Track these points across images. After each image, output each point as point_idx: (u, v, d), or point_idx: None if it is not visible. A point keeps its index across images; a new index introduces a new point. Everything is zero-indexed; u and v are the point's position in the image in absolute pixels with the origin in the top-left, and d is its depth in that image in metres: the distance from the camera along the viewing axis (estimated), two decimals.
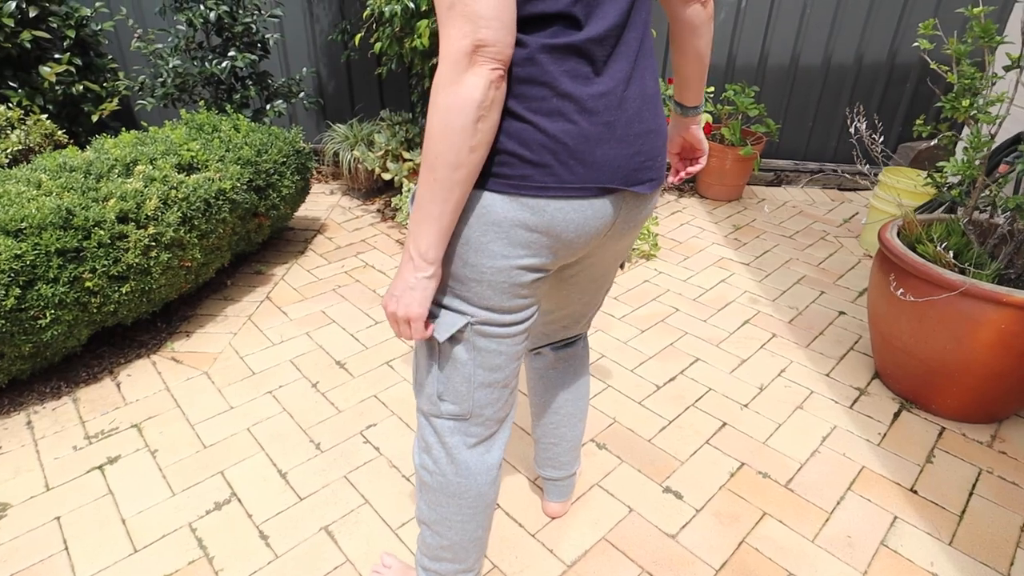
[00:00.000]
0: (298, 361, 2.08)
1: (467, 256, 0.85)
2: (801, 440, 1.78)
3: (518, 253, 0.85)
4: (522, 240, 0.85)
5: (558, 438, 1.38)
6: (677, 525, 1.51)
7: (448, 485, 1.04)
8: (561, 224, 0.85)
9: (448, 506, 1.06)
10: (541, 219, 0.84)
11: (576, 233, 0.87)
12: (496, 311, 0.90)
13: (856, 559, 1.43)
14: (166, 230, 1.90)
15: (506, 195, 0.82)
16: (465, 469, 1.02)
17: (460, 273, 0.87)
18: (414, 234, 0.80)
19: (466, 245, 0.85)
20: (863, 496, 1.60)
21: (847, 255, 2.92)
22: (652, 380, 2.02)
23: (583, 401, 1.37)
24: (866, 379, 2.05)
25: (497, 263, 0.85)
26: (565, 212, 0.84)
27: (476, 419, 1.00)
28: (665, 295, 2.53)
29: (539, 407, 1.37)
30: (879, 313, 1.92)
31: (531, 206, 0.82)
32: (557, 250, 0.88)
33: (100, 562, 1.40)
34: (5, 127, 2.44)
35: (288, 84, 3.11)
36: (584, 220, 0.86)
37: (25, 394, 1.89)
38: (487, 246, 0.84)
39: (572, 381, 1.33)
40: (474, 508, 1.06)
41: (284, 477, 1.63)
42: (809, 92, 3.61)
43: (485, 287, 0.87)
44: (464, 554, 1.12)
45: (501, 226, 0.83)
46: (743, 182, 3.53)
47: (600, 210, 0.87)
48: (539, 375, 1.34)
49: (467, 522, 1.08)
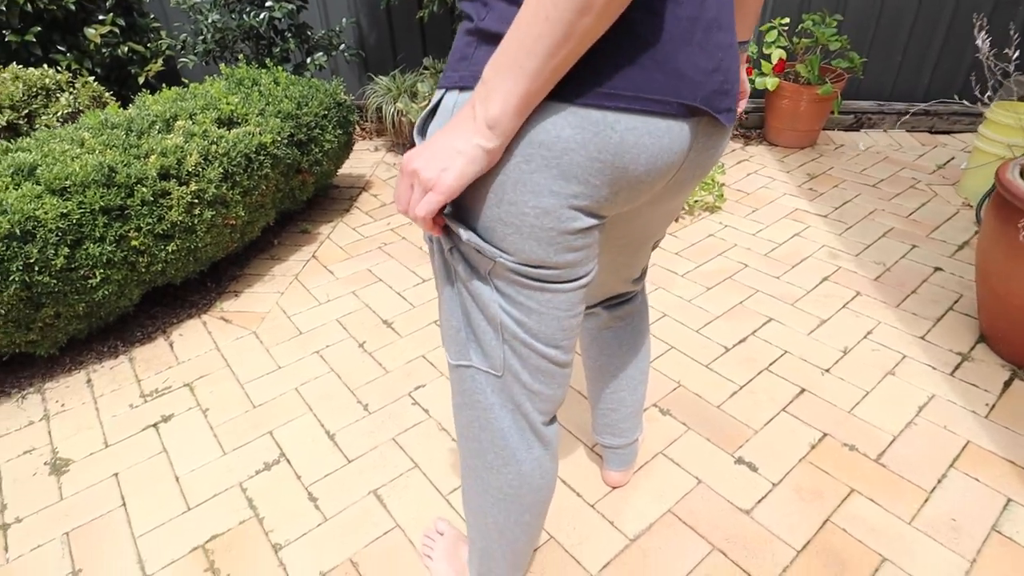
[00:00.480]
0: (345, 320, 2.02)
1: (503, 191, 0.65)
2: (893, 410, 1.59)
3: (571, 190, 0.65)
4: (578, 171, 0.64)
5: (617, 403, 1.25)
6: (752, 500, 1.37)
7: (483, 452, 0.88)
8: (632, 152, 0.64)
9: (480, 479, 0.91)
10: (607, 141, 0.62)
11: (646, 167, 0.66)
12: (539, 267, 0.71)
13: (963, 546, 1.26)
14: (208, 186, 1.84)
15: (561, 104, 0.61)
16: (503, 441, 0.85)
17: (492, 215, 0.67)
18: (488, 88, 0.58)
19: (502, 176, 0.65)
20: (969, 474, 1.41)
21: (942, 204, 2.62)
22: (720, 341, 1.86)
23: (644, 362, 1.23)
24: (969, 343, 1.82)
25: (543, 201, 0.65)
26: (638, 135, 0.63)
27: (512, 382, 0.81)
28: (732, 250, 2.33)
29: (594, 370, 1.24)
30: (992, 267, 1.68)
31: (595, 122, 0.61)
32: (619, 191, 0.67)
33: (156, 519, 1.39)
34: (54, 90, 2.44)
35: (328, 36, 3.00)
36: (659, 150, 0.65)
37: (85, 353, 1.90)
38: (530, 176, 0.64)
39: (631, 341, 1.18)
40: (510, 496, 0.90)
41: (332, 438, 1.58)
42: (900, 20, 3.21)
43: (525, 236, 0.67)
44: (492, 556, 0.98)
45: (552, 149, 0.62)
46: (818, 126, 3.21)
47: (678, 138, 0.66)
48: (592, 336, 1.20)
49: (497, 509, 0.92)
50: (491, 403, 0.83)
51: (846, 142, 3.30)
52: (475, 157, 0.61)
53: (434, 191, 0.63)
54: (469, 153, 0.61)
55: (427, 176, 0.63)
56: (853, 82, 3.40)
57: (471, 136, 0.61)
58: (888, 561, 1.24)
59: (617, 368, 1.21)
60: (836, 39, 2.94)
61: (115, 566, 1.30)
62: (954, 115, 3.37)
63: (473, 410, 0.85)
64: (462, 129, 0.61)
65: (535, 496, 0.91)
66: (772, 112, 3.23)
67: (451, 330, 0.82)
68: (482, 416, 0.85)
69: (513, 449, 0.86)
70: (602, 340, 1.19)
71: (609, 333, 1.18)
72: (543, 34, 0.54)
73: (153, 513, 1.41)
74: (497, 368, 0.80)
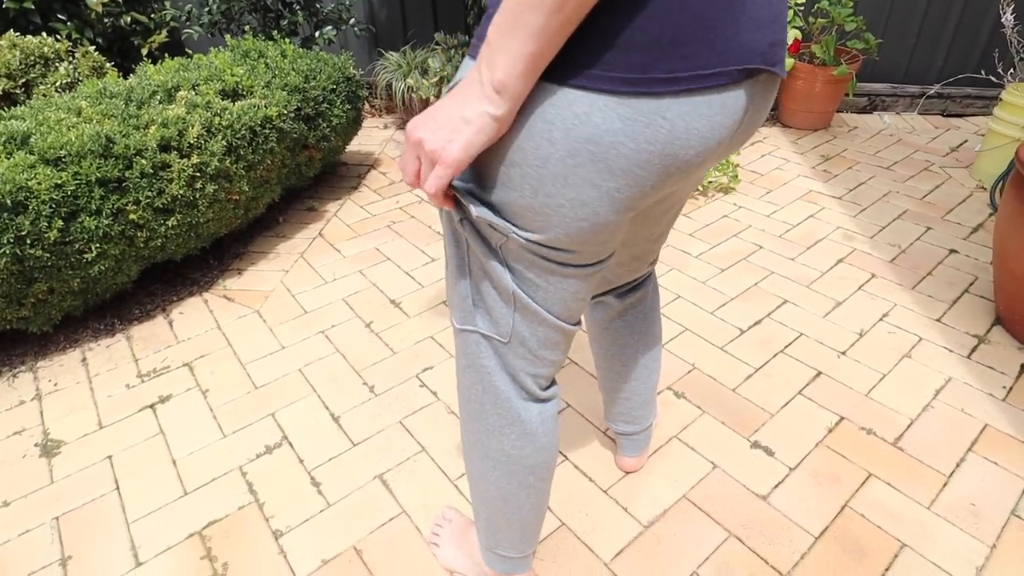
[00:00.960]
0: (351, 300, 1.98)
1: (541, 183, 0.61)
2: (910, 393, 1.56)
3: (615, 183, 0.60)
4: (624, 163, 0.59)
5: (631, 392, 1.21)
6: (768, 485, 1.34)
7: (485, 414, 0.86)
8: (682, 138, 0.58)
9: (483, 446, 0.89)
10: (656, 132, 0.57)
11: (697, 150, 0.60)
12: (558, 249, 0.67)
13: (982, 531, 1.23)
14: (211, 159, 1.79)
15: (611, 96, 0.55)
16: (507, 403, 0.83)
17: (524, 204, 0.63)
18: (493, 50, 0.54)
19: (542, 170, 0.60)
20: (987, 458, 1.38)
21: (956, 187, 2.57)
22: (735, 323, 1.82)
23: (657, 348, 1.18)
24: (985, 325, 1.78)
25: (583, 193, 0.60)
26: (689, 120, 0.58)
27: (518, 347, 0.79)
28: (747, 231, 2.28)
29: (605, 359, 1.19)
30: (1010, 248, 1.63)
31: (646, 112, 0.56)
32: (668, 177, 0.62)
33: (150, 503, 1.35)
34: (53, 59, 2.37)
35: (338, 10, 2.92)
36: (711, 129, 0.60)
37: (80, 331, 1.86)
38: (574, 171, 0.59)
39: (643, 329, 1.13)
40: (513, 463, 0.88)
41: (337, 421, 1.54)
42: (912, 3, 3.14)
43: (554, 224, 0.63)
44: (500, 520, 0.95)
45: (599, 143, 0.57)
46: (833, 108, 3.15)
47: (732, 109, 0.60)
48: (603, 327, 1.14)
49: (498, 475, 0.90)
50: (494, 366, 0.81)
51: (860, 124, 3.24)
52: (483, 126, 0.57)
53: (441, 164, 0.59)
54: (476, 122, 0.57)
55: (432, 147, 0.59)
56: (867, 64, 3.33)
57: (478, 103, 0.56)
58: (907, 547, 1.21)
59: (630, 357, 1.16)
60: (852, 19, 2.87)
61: (107, 552, 1.26)
62: (967, 98, 3.31)
63: (477, 372, 0.83)
64: (468, 95, 0.57)
65: (538, 456, 0.88)
66: (786, 93, 3.16)
67: (458, 296, 0.79)
68: (485, 379, 0.82)
69: (516, 410, 0.84)
70: (614, 330, 1.13)
71: (620, 322, 1.12)
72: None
73: (148, 497, 1.36)
74: (504, 335, 0.78)
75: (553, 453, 0.91)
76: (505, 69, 0.54)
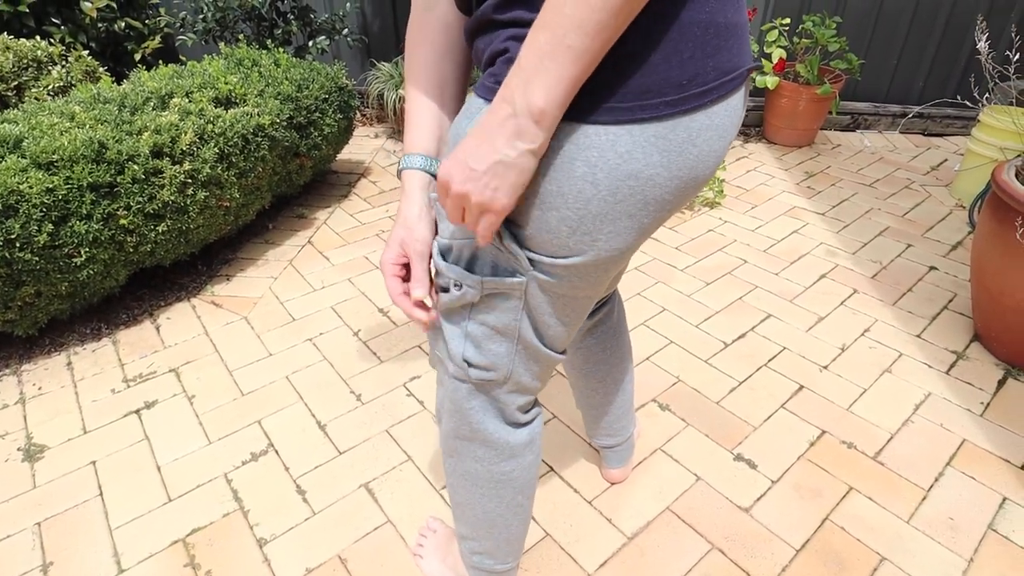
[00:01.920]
0: (339, 308, 1.98)
1: (581, 223, 0.61)
2: (890, 408, 1.59)
3: (648, 214, 0.62)
4: (659, 193, 0.61)
5: (608, 406, 1.23)
6: (751, 497, 1.36)
7: (472, 450, 0.87)
8: (705, 159, 0.61)
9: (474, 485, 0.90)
10: (686, 157, 0.60)
11: (714, 164, 0.63)
12: (577, 279, 0.68)
13: (960, 545, 1.26)
14: (202, 166, 1.79)
15: (653, 123, 0.56)
16: (494, 435, 0.85)
17: (561, 243, 0.63)
18: (529, 75, 0.51)
19: (583, 210, 0.59)
20: (965, 473, 1.41)
21: (936, 205, 2.63)
22: (719, 337, 1.84)
23: (628, 360, 1.20)
24: (964, 342, 1.82)
25: (618, 225, 0.62)
26: (708, 137, 0.60)
27: (511, 385, 0.80)
28: (732, 246, 2.32)
29: (581, 378, 1.21)
30: (987, 267, 1.68)
31: (680, 141, 0.58)
32: (686, 197, 0.64)
33: (134, 510, 1.34)
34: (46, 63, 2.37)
35: (331, 20, 2.95)
36: (724, 139, 0.63)
37: (66, 335, 1.85)
38: (614, 207, 0.60)
39: (613, 344, 1.15)
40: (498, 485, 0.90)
41: (323, 429, 1.54)
42: (897, 23, 3.22)
43: (585, 256, 0.64)
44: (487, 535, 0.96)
45: (639, 178, 0.58)
46: (816, 126, 3.21)
47: (735, 111, 0.63)
48: (574, 347, 1.16)
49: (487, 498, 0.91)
50: (479, 405, 0.82)
51: (843, 142, 3.31)
52: (524, 167, 0.56)
53: (491, 213, 0.58)
54: (518, 164, 0.55)
55: (479, 200, 0.57)
56: (850, 83, 3.40)
57: (513, 140, 0.54)
58: (887, 560, 1.23)
59: (605, 373, 1.18)
60: (835, 40, 2.94)
61: (89, 559, 1.25)
62: (947, 118, 3.39)
63: (463, 416, 0.84)
64: (499, 134, 0.54)
65: (526, 475, 0.90)
66: (771, 111, 3.22)
67: (454, 343, 0.78)
68: (473, 422, 0.83)
69: (504, 439, 0.85)
70: (585, 348, 1.15)
71: (591, 340, 1.14)
72: (592, 3, 0.48)
73: (132, 504, 1.36)
74: (502, 377, 0.79)
75: (537, 467, 0.93)
76: (546, 95, 0.52)
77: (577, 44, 0.50)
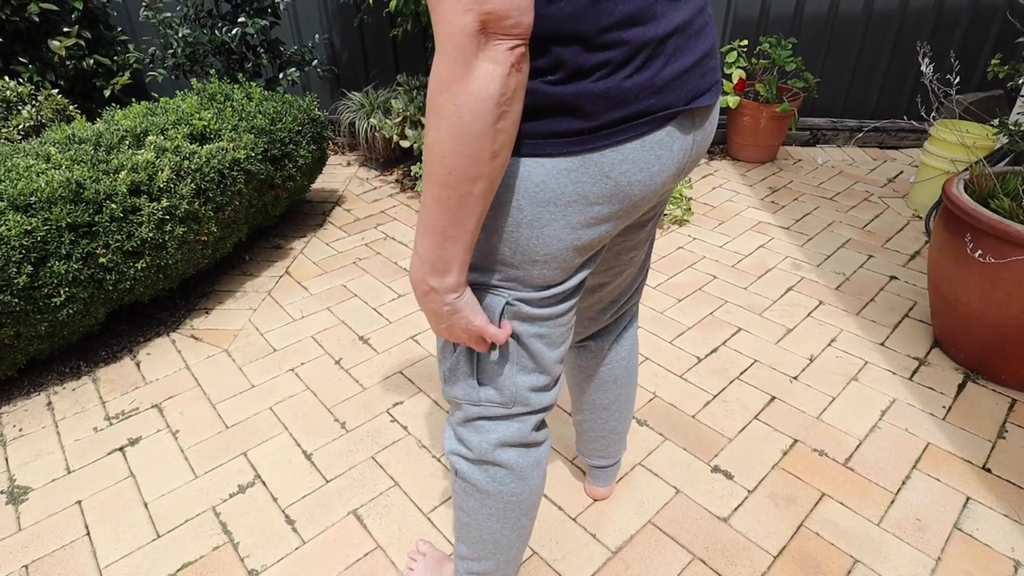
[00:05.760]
0: (320, 337, 2.00)
1: (517, 240, 0.71)
2: (858, 415, 1.66)
3: (576, 235, 0.71)
4: (583, 219, 0.70)
5: (608, 431, 1.27)
6: (728, 508, 1.41)
7: (484, 485, 0.92)
8: (626, 188, 0.70)
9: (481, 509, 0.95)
10: (604, 189, 0.68)
11: (643, 192, 0.71)
12: (542, 288, 0.76)
13: (928, 544, 1.32)
14: (180, 202, 1.81)
15: (561, 158, 0.66)
16: (510, 463, 0.89)
17: (507, 257, 0.73)
18: (428, 262, 0.66)
19: (515, 231, 0.70)
20: (931, 475, 1.48)
21: (894, 216, 2.74)
22: (692, 352, 1.90)
23: (634, 390, 1.25)
24: (925, 348, 1.91)
25: (554, 246, 0.71)
26: (630, 173, 0.69)
27: (520, 407, 0.85)
28: (701, 262, 2.39)
29: (587, 404, 1.24)
30: (941, 276, 1.77)
31: (593, 173, 0.67)
32: (617, 220, 0.73)
33: (123, 548, 1.34)
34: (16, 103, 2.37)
35: (301, 52, 2.99)
36: (648, 174, 0.71)
37: (45, 375, 1.84)
38: (542, 230, 0.70)
39: (625, 378, 1.20)
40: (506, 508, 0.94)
41: (309, 458, 1.56)
42: (849, 43, 3.38)
43: (539, 267, 0.74)
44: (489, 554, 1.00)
45: (556, 205, 0.68)
46: (778, 142, 3.34)
47: (667, 145, 0.71)
48: (587, 373, 1.19)
49: (494, 520, 0.95)
50: (490, 427, 0.87)
51: (804, 157, 3.43)
52: (462, 305, 0.70)
53: (482, 332, 0.73)
54: (456, 306, 0.70)
55: (467, 337, 0.74)
56: (808, 100, 3.54)
57: (440, 304, 0.70)
58: (860, 563, 1.28)
59: (611, 400, 1.22)
60: (791, 60, 3.07)
61: None
62: (901, 131, 3.55)
63: (477, 436, 0.88)
64: (431, 305, 0.70)
65: (533, 497, 0.94)
66: (734, 128, 3.34)
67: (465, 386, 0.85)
68: (488, 439, 0.87)
69: (515, 465, 0.89)
70: (598, 378, 1.18)
71: (605, 370, 1.17)
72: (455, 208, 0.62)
73: (120, 542, 1.36)
74: (508, 403, 0.84)
75: (542, 488, 0.96)
76: (441, 268, 0.67)
77: (455, 232, 0.64)
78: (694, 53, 0.70)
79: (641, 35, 0.63)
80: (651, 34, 0.64)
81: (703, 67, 0.71)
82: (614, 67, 0.63)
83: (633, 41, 0.63)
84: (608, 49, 0.62)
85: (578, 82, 0.63)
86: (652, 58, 0.65)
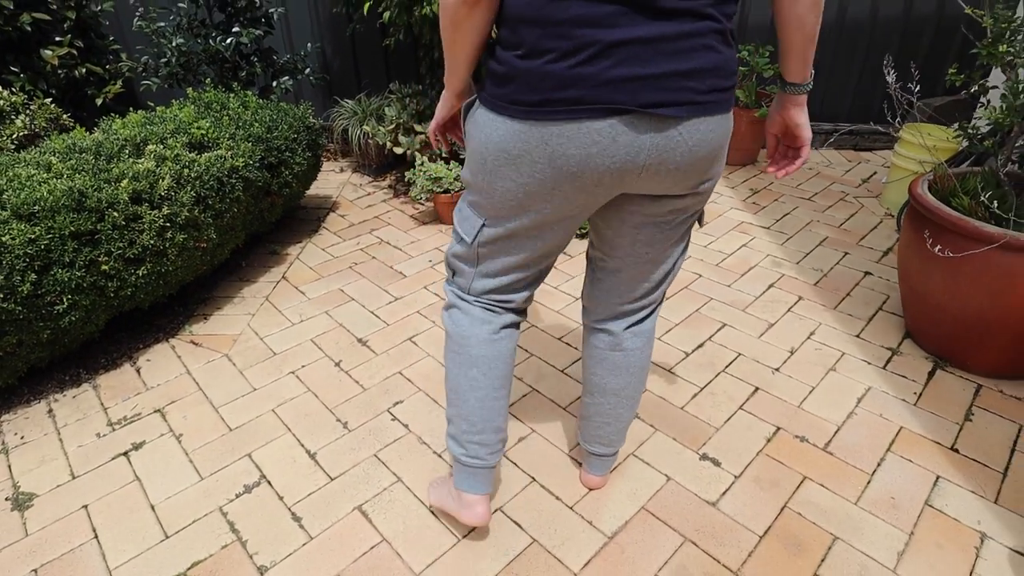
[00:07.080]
0: (319, 340, 2.05)
1: (484, 173, 1.00)
2: (836, 402, 1.75)
3: (523, 180, 0.97)
4: (528, 170, 0.95)
5: (613, 418, 1.35)
6: (717, 492, 1.48)
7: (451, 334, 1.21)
8: (562, 157, 0.92)
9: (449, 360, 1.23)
10: (544, 151, 0.92)
11: (579, 164, 0.92)
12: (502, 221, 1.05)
13: (901, 520, 1.40)
14: (180, 210, 1.85)
15: (513, 120, 0.92)
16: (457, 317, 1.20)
17: (474, 182, 1.04)
18: (446, 79, 1.04)
19: (483, 163, 0.99)
20: (903, 457, 1.57)
21: (868, 215, 2.86)
22: (680, 347, 1.98)
23: (643, 383, 1.33)
24: (897, 339, 2.01)
25: (506, 184, 0.99)
26: (565, 144, 0.90)
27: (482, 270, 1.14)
28: (687, 261, 2.48)
29: (597, 387, 1.33)
30: (910, 270, 1.87)
31: (537, 138, 0.91)
32: (562, 181, 0.95)
33: (131, 549, 1.38)
34: (9, 112, 2.39)
35: (293, 60, 3.04)
36: (584, 151, 0.90)
37: (44, 382, 1.86)
38: (499, 169, 0.97)
39: (638, 364, 1.28)
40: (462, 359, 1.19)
41: (313, 457, 1.60)
42: (822, 50, 3.50)
43: (496, 200, 1.02)
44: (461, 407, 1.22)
45: (510, 154, 0.95)
46: (758, 145, 3.45)
47: (607, 134, 0.88)
48: (601, 355, 1.28)
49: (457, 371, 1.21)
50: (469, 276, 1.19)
51: None
52: (443, 102, 1.10)
53: (435, 122, 1.14)
54: (445, 102, 1.10)
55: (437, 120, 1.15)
56: None
57: (445, 98, 1.09)
58: (839, 539, 1.37)
59: (620, 387, 1.30)
60: (769, 67, 3.18)
61: None
62: (874, 134, 3.68)
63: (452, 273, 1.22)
64: (442, 99, 1.10)
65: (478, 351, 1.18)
66: None
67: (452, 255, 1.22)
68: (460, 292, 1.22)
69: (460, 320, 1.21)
70: (611, 361, 1.28)
71: (619, 355, 1.27)
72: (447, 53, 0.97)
73: (128, 544, 1.39)
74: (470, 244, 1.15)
75: (501, 364, 1.20)
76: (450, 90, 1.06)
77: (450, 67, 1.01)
78: (659, 67, 0.82)
79: (591, 36, 0.81)
80: (602, 37, 0.81)
81: (673, 83, 0.83)
82: (561, 55, 0.83)
83: (582, 39, 0.81)
84: (560, 39, 0.83)
85: (534, 60, 0.86)
86: (598, 57, 0.82)
